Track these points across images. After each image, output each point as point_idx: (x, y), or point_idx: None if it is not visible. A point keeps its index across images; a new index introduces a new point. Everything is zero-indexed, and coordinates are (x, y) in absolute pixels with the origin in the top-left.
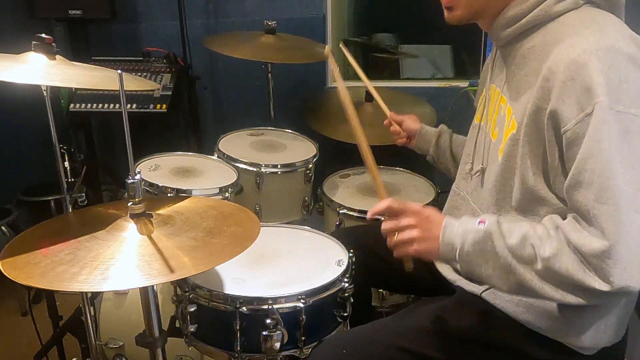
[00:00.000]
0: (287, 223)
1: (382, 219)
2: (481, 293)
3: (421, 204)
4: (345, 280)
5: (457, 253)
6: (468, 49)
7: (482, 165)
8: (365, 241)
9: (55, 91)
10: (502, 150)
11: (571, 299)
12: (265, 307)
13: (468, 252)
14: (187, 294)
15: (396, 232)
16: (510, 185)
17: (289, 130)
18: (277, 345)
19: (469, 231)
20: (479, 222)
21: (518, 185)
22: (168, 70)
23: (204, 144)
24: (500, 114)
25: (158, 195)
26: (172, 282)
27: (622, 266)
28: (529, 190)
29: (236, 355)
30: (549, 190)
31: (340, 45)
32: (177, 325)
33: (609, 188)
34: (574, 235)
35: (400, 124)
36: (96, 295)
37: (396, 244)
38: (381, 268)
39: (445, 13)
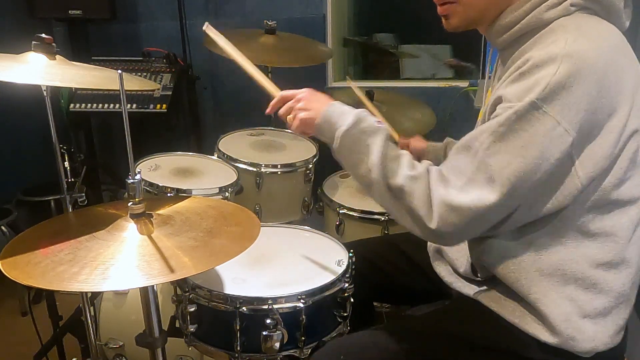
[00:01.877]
0: (287, 223)
1: None
2: (477, 296)
3: None
4: (345, 280)
5: (342, 130)
6: (468, 49)
7: None
8: (366, 254)
9: (55, 91)
10: None
11: (402, 217)
12: (265, 307)
13: (352, 135)
14: (187, 294)
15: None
16: None
17: (289, 130)
18: (277, 345)
19: (364, 119)
20: (377, 121)
21: None
22: (168, 70)
23: (204, 144)
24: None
25: (158, 195)
26: (172, 282)
27: (461, 223)
28: None
29: (236, 355)
30: None
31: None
32: (177, 325)
33: (486, 165)
34: (435, 177)
35: (408, 147)
36: (96, 295)
37: (284, 111)
38: (382, 281)
39: (443, 21)
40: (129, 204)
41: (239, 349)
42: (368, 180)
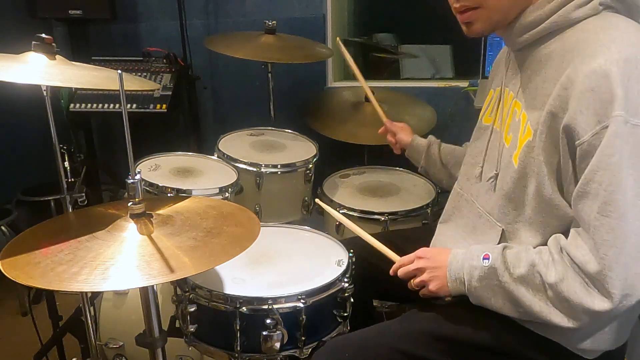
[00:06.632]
0: (287, 223)
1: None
2: None
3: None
4: (345, 280)
5: (466, 290)
6: (468, 49)
7: (496, 171)
8: (363, 253)
9: (55, 91)
10: (518, 157)
11: (581, 323)
12: (265, 307)
13: (476, 287)
14: (187, 294)
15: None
16: (525, 193)
17: (289, 130)
18: (277, 345)
19: (474, 267)
20: (484, 257)
21: (533, 192)
22: (168, 70)
23: (204, 144)
24: (515, 120)
25: (158, 195)
26: (172, 282)
27: (622, 277)
28: (544, 198)
29: (236, 355)
30: (562, 199)
31: (337, 40)
32: (177, 325)
33: (613, 201)
34: (576, 252)
35: (394, 135)
36: (96, 295)
37: (415, 287)
38: (380, 279)
39: (464, 28)
40: (129, 204)
41: (239, 349)
42: (525, 310)
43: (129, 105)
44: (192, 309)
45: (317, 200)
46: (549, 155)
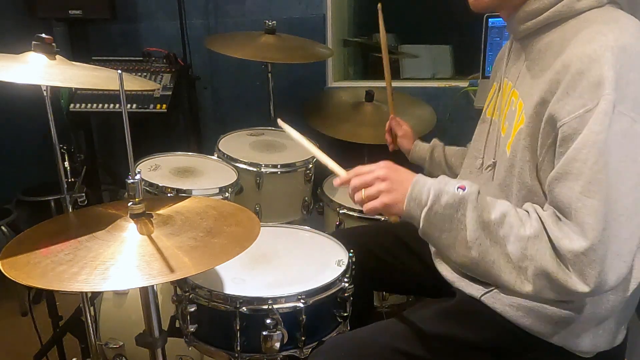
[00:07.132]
0: (287, 223)
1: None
2: (480, 297)
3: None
4: (345, 280)
5: (424, 211)
6: (468, 49)
7: (494, 159)
8: (365, 242)
9: (55, 91)
10: (511, 145)
11: (533, 287)
12: (265, 307)
13: (437, 213)
14: (187, 294)
15: (364, 188)
16: (513, 181)
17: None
18: (277, 345)
19: (444, 191)
20: (458, 187)
21: (517, 179)
22: (168, 70)
23: (204, 144)
24: (512, 109)
25: (158, 195)
26: (172, 282)
27: (600, 267)
28: (525, 184)
29: (236, 355)
30: (540, 186)
31: (379, 6)
32: (177, 325)
33: (597, 182)
34: (553, 227)
35: (395, 136)
36: (96, 295)
37: (364, 199)
38: (381, 269)
39: (471, 0)
40: (129, 204)
41: (239, 349)
42: (476, 256)
43: (129, 105)
44: (192, 309)
45: (278, 120)
46: (532, 140)
